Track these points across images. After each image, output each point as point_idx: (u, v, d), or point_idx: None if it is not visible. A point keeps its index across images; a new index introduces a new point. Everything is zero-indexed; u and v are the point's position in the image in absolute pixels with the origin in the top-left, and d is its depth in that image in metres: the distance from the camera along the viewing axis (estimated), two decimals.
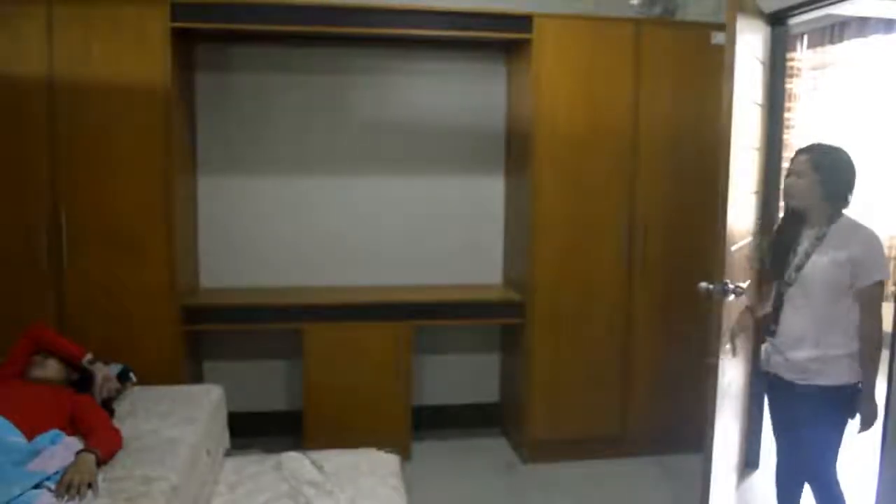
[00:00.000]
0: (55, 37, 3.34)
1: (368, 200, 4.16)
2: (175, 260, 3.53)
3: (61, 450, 2.33)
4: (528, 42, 3.72)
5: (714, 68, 3.18)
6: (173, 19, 3.42)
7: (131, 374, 3.19)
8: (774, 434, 2.84)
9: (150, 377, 3.31)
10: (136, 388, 3.15)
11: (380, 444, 3.19)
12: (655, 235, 3.86)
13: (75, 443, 2.39)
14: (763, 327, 2.80)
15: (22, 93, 3.35)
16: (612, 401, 3.93)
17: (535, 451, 3.91)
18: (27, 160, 3.38)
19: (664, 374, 3.94)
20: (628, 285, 3.87)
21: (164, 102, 3.44)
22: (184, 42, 3.68)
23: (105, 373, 3.01)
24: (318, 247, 4.15)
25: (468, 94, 4.18)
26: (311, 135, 4.07)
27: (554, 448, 3.91)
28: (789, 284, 2.62)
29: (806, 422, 2.60)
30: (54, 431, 2.43)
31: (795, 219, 2.67)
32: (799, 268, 2.58)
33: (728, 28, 2.82)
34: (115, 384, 3.03)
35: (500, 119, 4.22)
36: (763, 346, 2.79)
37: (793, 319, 2.62)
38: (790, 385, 2.63)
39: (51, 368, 2.87)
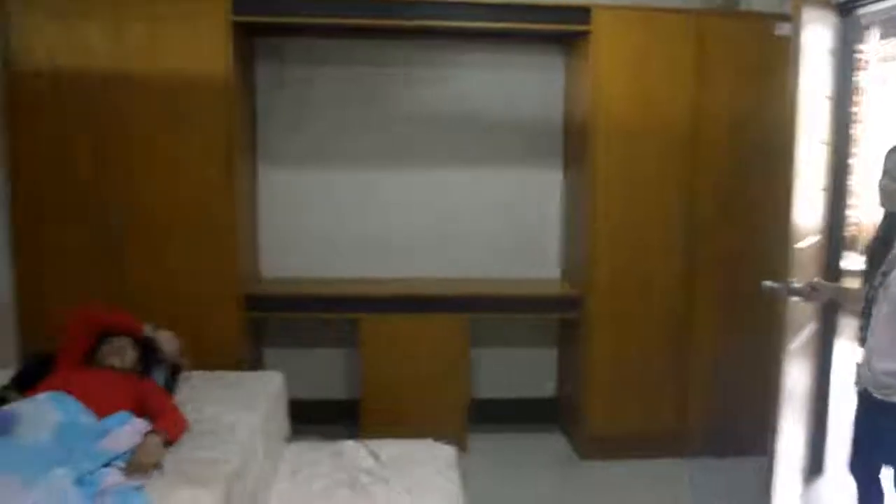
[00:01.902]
0: (121, 31, 3.45)
1: (426, 193, 4.19)
2: (237, 249, 3.62)
3: (130, 430, 2.40)
4: (586, 34, 3.69)
5: (779, 60, 3.10)
6: (234, 13, 3.50)
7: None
8: (854, 449, 2.67)
9: (213, 363, 3.40)
10: (200, 374, 3.23)
11: (435, 436, 3.21)
12: (715, 231, 3.79)
13: (143, 424, 2.47)
14: (857, 336, 2.66)
15: (92, 87, 3.47)
16: (670, 399, 3.87)
17: (592, 447, 3.89)
18: (98, 150, 3.51)
19: (725, 373, 3.86)
20: (687, 282, 3.80)
21: (226, 94, 3.53)
22: (244, 35, 3.76)
23: (166, 335, 3.06)
24: (377, 238, 4.20)
25: (525, 86, 4.17)
26: (369, 127, 4.12)
27: (611, 445, 3.88)
28: (876, 290, 2.46)
29: (885, 438, 2.47)
30: (123, 413, 2.50)
31: (893, 221, 2.52)
32: (886, 274, 2.42)
33: (794, 18, 2.75)
34: (178, 342, 3.09)
35: (558, 112, 4.20)
36: (855, 362, 2.66)
37: (877, 328, 2.45)
38: (876, 399, 2.46)
39: (129, 358, 2.90)
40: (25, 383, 2.75)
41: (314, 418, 4.08)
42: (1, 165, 3.46)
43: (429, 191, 4.19)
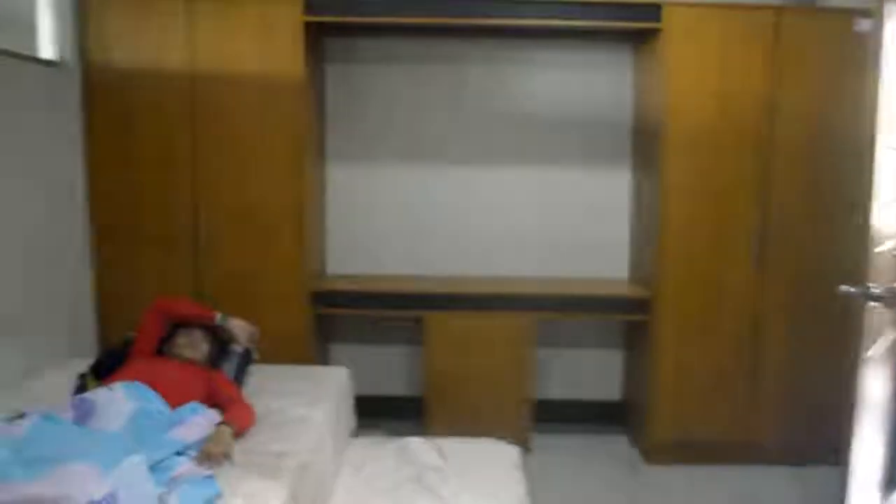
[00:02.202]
0: (196, 32, 3.56)
1: (492, 192, 4.19)
2: (305, 245, 3.69)
3: (201, 421, 2.46)
4: (656, 32, 3.63)
5: (859, 58, 2.98)
6: (306, 13, 3.56)
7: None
8: None
9: (280, 357, 3.46)
10: (269, 367, 3.28)
11: (499, 435, 3.22)
12: (790, 235, 3.68)
13: (214, 415, 2.53)
14: None
15: (167, 86, 3.59)
16: (740, 404, 3.78)
17: (657, 452, 3.83)
18: (172, 148, 3.62)
19: (797, 379, 3.75)
20: (759, 286, 3.70)
21: (297, 93, 3.59)
22: (315, 35, 3.82)
23: (239, 323, 3.09)
24: (442, 236, 4.22)
25: (593, 85, 4.13)
26: (435, 126, 4.15)
27: (678, 450, 3.81)
28: None
29: None
30: (194, 403, 2.56)
31: None
32: None
33: (875, 13, 2.65)
34: (252, 329, 3.12)
35: (627, 111, 4.14)
36: None
37: None
38: None
39: (202, 350, 2.96)
40: (103, 372, 2.86)
41: (378, 414, 4.13)
42: (80, 161, 3.60)
43: (496, 189, 4.19)
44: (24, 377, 3.05)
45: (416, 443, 3.05)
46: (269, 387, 3.06)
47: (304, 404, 2.88)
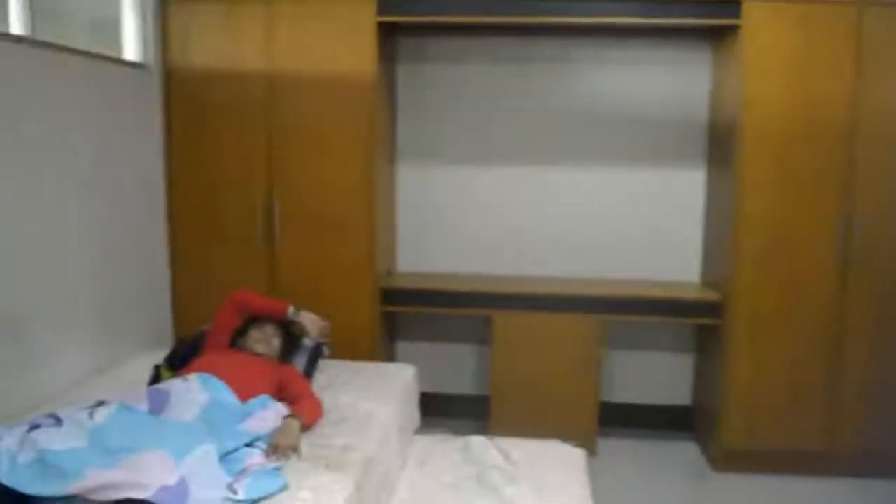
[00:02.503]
0: (273, 34, 3.64)
1: (561, 191, 4.16)
2: (375, 243, 3.73)
3: (271, 413, 2.51)
4: (735, 29, 3.54)
5: None
6: (379, 13, 3.60)
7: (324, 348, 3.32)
8: None
9: (348, 352, 3.52)
10: (338, 363, 3.33)
11: (564, 437, 3.19)
12: (874, 237, 3.53)
13: (283, 408, 2.58)
14: None
15: (243, 87, 3.69)
16: (817, 413, 3.65)
17: (728, 460, 3.73)
18: (248, 147, 3.72)
19: (879, 388, 3.60)
20: (840, 291, 3.57)
21: (369, 93, 3.64)
22: (387, 34, 3.86)
23: (311, 316, 3.13)
24: (510, 236, 4.21)
25: (667, 83, 4.04)
26: (505, 124, 4.13)
27: (749, 459, 3.71)
28: None
29: None
30: (264, 396, 2.62)
31: None
32: None
33: None
34: (324, 323, 3.17)
35: (702, 110, 4.04)
36: None
37: None
38: None
39: (274, 345, 3.01)
40: (177, 362, 2.96)
41: (442, 412, 4.15)
42: (160, 158, 3.73)
43: (565, 189, 4.16)
44: (105, 367, 3.19)
45: (479, 442, 3.05)
46: (338, 381, 3.11)
47: (371, 400, 2.91)
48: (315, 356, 3.19)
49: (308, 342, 3.19)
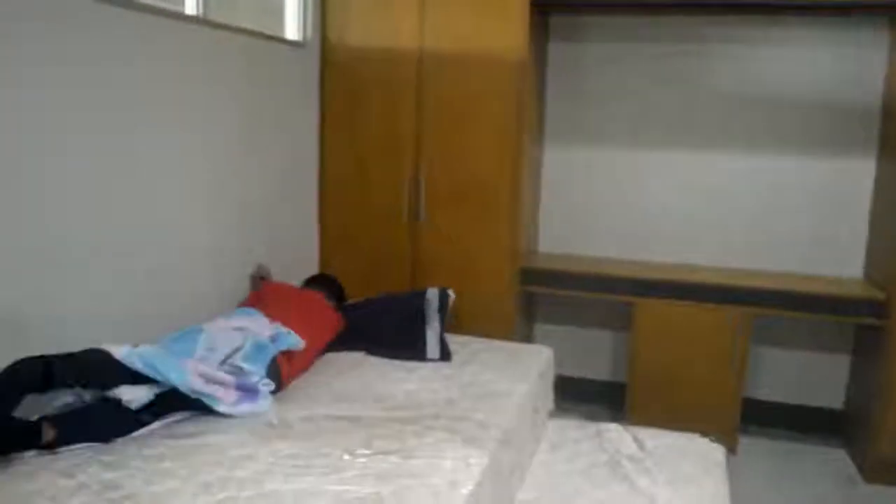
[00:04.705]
0: (426, 11, 3.69)
1: (713, 177, 3.99)
2: (519, 223, 3.74)
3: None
4: None
5: None
6: None
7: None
8: None
9: (488, 331, 3.56)
10: (478, 340, 3.39)
11: (702, 431, 3.09)
12: None
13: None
14: None
15: (397, 65, 3.77)
16: None
17: (881, 470, 3.49)
18: (398, 124, 3.81)
19: None
20: None
21: (519, 72, 3.62)
22: (540, 13, 3.82)
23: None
24: (656, 221, 4.10)
25: (836, 65, 3.75)
26: (658, 107, 4.00)
27: None
28: None
29: None
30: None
31: None
32: None
33: None
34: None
35: (876, 94, 3.73)
36: None
37: None
38: None
39: None
40: None
41: (578, 396, 4.13)
42: (315, 134, 3.90)
43: (720, 176, 3.98)
44: None
45: (614, 429, 3.03)
46: (477, 359, 3.16)
47: (508, 379, 2.94)
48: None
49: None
